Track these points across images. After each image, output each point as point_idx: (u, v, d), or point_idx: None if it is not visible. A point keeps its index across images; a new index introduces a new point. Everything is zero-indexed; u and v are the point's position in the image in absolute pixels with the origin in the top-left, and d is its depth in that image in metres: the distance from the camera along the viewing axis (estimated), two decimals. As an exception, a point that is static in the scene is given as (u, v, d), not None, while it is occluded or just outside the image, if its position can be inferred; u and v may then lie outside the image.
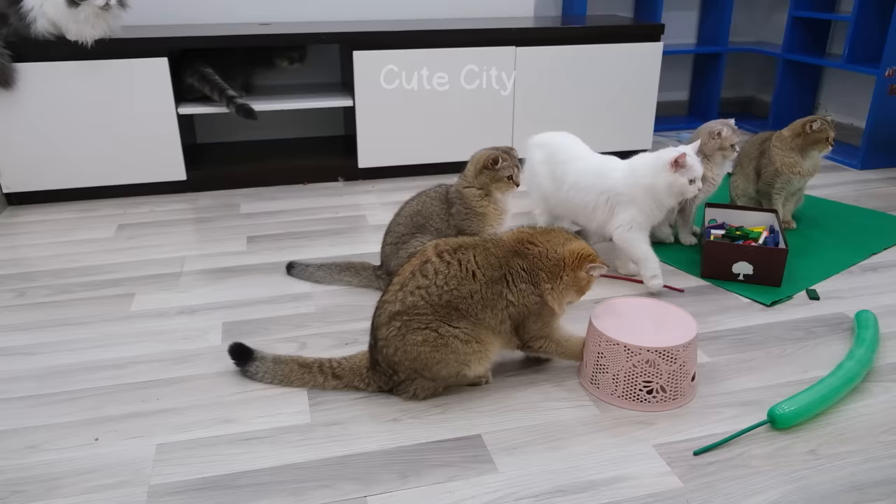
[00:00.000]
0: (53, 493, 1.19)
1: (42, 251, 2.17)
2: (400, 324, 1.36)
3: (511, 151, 1.84)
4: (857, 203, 2.58)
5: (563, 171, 2.02)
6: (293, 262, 2.00)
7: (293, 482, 1.21)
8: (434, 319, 1.35)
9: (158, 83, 2.52)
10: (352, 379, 1.45)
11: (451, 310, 1.36)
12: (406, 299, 1.36)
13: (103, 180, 2.60)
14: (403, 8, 3.12)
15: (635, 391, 1.40)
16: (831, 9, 3.35)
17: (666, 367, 1.38)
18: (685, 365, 1.39)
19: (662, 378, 1.39)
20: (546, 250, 1.41)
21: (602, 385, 1.44)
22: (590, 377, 1.46)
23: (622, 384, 1.41)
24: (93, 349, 1.63)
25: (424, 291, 1.35)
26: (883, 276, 2.01)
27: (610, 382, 1.42)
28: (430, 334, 1.35)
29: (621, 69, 2.94)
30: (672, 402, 1.41)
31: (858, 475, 1.23)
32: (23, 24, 2.33)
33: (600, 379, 1.44)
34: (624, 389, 1.41)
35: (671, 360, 1.38)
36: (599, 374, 1.44)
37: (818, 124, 2.17)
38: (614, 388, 1.42)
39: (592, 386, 1.46)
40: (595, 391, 1.45)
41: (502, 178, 1.79)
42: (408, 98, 2.76)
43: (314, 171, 2.84)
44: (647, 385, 1.39)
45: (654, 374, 1.38)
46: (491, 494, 1.19)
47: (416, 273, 1.37)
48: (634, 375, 1.39)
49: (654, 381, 1.39)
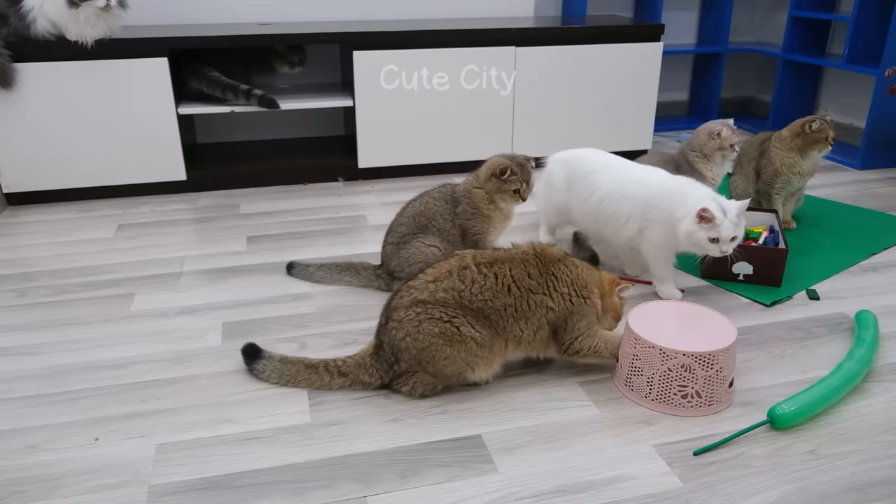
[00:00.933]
0: (53, 493, 1.19)
1: (42, 251, 2.17)
2: (421, 310, 1.37)
3: (526, 164, 1.80)
4: (857, 203, 2.58)
5: (593, 181, 1.90)
6: (293, 262, 2.00)
7: (293, 482, 1.21)
8: (459, 316, 1.37)
9: (158, 83, 2.52)
10: (358, 373, 1.45)
11: (481, 316, 1.38)
12: (437, 294, 1.38)
13: (103, 180, 2.60)
14: (403, 8, 3.12)
15: (669, 395, 1.38)
16: (831, 9, 3.35)
17: (702, 372, 1.35)
18: (722, 370, 1.37)
19: (698, 383, 1.36)
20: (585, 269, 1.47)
21: (636, 388, 1.42)
22: (624, 379, 1.44)
23: (657, 387, 1.39)
24: (93, 349, 1.63)
25: (457, 293, 1.38)
26: (883, 276, 2.01)
27: (644, 385, 1.40)
28: (450, 328, 1.36)
29: (621, 69, 2.94)
30: (707, 407, 1.39)
31: (858, 475, 1.23)
32: (23, 24, 2.33)
33: (634, 381, 1.42)
34: (658, 393, 1.39)
35: (708, 364, 1.35)
36: (634, 377, 1.42)
37: (817, 124, 2.17)
38: (648, 392, 1.40)
39: (626, 388, 1.44)
40: (629, 393, 1.44)
41: (508, 190, 1.78)
42: (408, 98, 2.76)
43: (314, 171, 2.84)
44: (682, 389, 1.37)
45: (690, 379, 1.36)
46: (491, 494, 1.19)
47: (454, 274, 1.39)
48: (669, 379, 1.37)
49: (689, 386, 1.37)
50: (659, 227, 1.74)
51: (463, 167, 2.86)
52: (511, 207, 1.84)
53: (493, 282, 1.39)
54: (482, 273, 1.39)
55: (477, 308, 1.38)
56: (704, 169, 2.18)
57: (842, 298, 1.87)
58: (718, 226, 1.60)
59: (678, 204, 1.68)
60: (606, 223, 1.87)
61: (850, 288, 1.93)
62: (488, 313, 1.38)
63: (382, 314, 1.44)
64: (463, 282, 1.38)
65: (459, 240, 1.84)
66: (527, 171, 1.79)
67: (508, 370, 1.54)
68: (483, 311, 1.38)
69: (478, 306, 1.37)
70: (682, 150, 2.23)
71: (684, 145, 2.24)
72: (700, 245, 1.64)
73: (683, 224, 1.65)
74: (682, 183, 1.74)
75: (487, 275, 1.39)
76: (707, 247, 1.63)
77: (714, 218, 1.59)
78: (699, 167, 2.18)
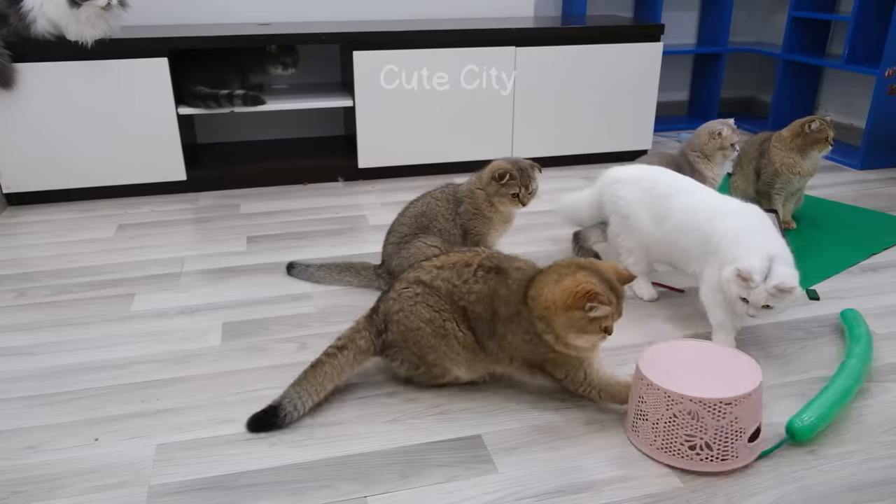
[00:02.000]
0: (53, 493, 1.19)
1: (42, 251, 2.17)
2: (420, 291, 1.38)
3: (529, 170, 1.78)
4: (857, 203, 2.58)
5: (667, 205, 1.72)
6: (293, 262, 2.00)
7: (293, 482, 1.21)
8: (446, 311, 1.37)
9: (158, 83, 2.52)
10: (355, 339, 1.41)
11: (463, 315, 1.37)
12: (436, 281, 1.38)
13: (103, 180, 2.60)
14: (403, 8, 3.12)
15: (676, 445, 1.23)
16: (831, 9, 3.35)
17: (712, 422, 1.20)
18: (737, 422, 1.20)
19: (708, 433, 1.21)
20: (538, 294, 1.30)
21: (641, 433, 1.28)
22: (630, 423, 1.32)
23: (662, 435, 1.24)
24: (93, 349, 1.63)
25: (451, 287, 1.38)
26: (883, 276, 2.01)
27: (649, 431, 1.26)
28: (437, 319, 1.37)
29: (621, 69, 2.94)
30: (721, 462, 1.22)
31: (858, 475, 1.23)
32: (23, 24, 2.33)
33: (640, 426, 1.29)
34: (664, 441, 1.24)
35: (718, 413, 1.19)
36: (639, 421, 1.28)
37: (816, 124, 2.17)
38: (654, 439, 1.26)
39: (633, 433, 1.31)
40: (634, 439, 1.30)
41: (507, 194, 1.77)
42: (408, 98, 2.76)
43: (314, 171, 2.84)
44: (689, 439, 1.22)
45: (698, 428, 1.21)
46: (491, 494, 1.19)
47: (457, 267, 1.39)
48: (675, 427, 1.22)
49: (697, 436, 1.21)
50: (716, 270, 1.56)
51: (463, 167, 2.86)
52: (511, 211, 1.83)
53: (481, 287, 1.36)
54: (477, 275, 1.38)
55: (461, 307, 1.37)
56: (705, 169, 2.18)
57: (842, 298, 1.87)
58: (752, 290, 1.45)
59: (733, 247, 1.52)
60: (673, 253, 1.74)
61: (850, 288, 1.93)
62: (470, 317, 1.37)
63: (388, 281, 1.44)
64: (459, 277, 1.38)
65: (460, 240, 1.84)
66: (528, 176, 1.77)
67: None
68: (467, 313, 1.37)
69: (462, 305, 1.37)
70: (682, 151, 2.23)
71: (684, 145, 2.24)
72: (733, 303, 1.51)
73: (726, 271, 1.49)
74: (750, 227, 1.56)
75: (482, 279, 1.37)
76: (735, 303, 1.50)
77: (749, 281, 1.44)
78: (700, 167, 2.18)
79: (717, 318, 1.60)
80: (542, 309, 1.29)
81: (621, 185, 1.84)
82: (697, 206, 1.67)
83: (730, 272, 1.47)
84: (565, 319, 1.26)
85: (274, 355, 1.60)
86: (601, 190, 1.91)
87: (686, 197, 1.70)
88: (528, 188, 1.78)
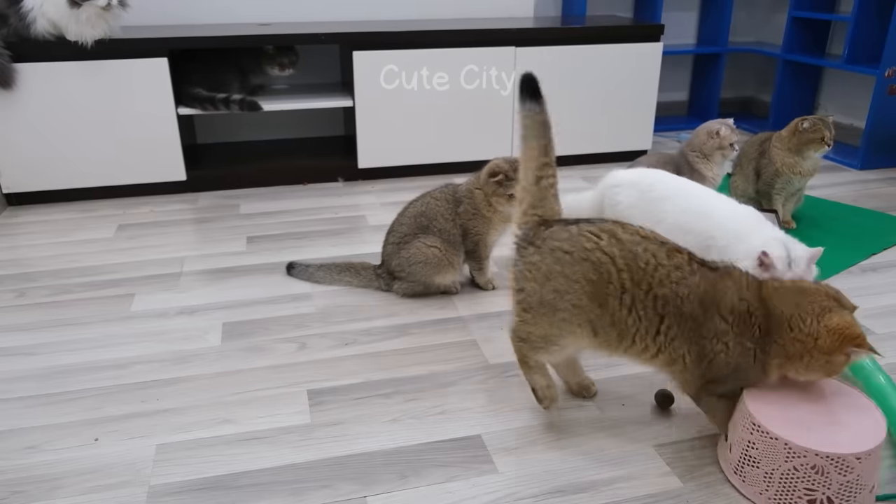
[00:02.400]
0: (53, 493, 1.19)
1: (42, 251, 2.17)
2: (607, 242, 1.19)
3: None
4: (857, 203, 2.58)
5: (662, 208, 1.72)
6: (293, 262, 2.00)
7: (293, 482, 1.21)
8: (627, 283, 1.18)
9: (158, 83, 2.52)
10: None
11: (646, 299, 1.17)
12: (636, 245, 1.18)
13: (103, 180, 2.60)
14: (403, 8, 3.12)
15: (793, 497, 1.12)
16: (831, 9, 3.35)
17: (838, 477, 1.09)
18: (862, 476, 1.09)
19: (831, 488, 1.10)
20: (792, 316, 1.13)
21: (749, 480, 1.17)
22: (734, 466, 1.20)
23: (776, 486, 1.13)
24: (93, 349, 1.63)
25: (655, 261, 1.17)
26: (883, 276, 2.01)
27: (761, 480, 1.15)
28: (606, 285, 1.18)
29: (621, 69, 2.94)
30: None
31: (858, 475, 1.23)
32: (23, 24, 2.33)
33: (748, 473, 1.17)
34: (778, 492, 1.13)
35: (846, 469, 1.08)
36: (748, 468, 1.17)
37: (808, 123, 2.17)
38: (765, 488, 1.15)
39: (737, 477, 1.19)
40: (740, 484, 1.19)
41: (503, 194, 1.77)
42: (408, 98, 2.76)
43: (314, 171, 2.84)
44: (809, 493, 1.11)
45: (821, 483, 1.10)
46: (491, 494, 1.19)
47: (670, 248, 1.19)
48: (794, 480, 1.11)
49: (818, 490, 1.11)
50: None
51: (463, 167, 2.86)
52: (510, 211, 1.83)
53: (696, 281, 1.17)
54: (693, 266, 1.18)
55: (655, 294, 1.18)
56: (704, 169, 2.18)
57: (842, 298, 1.87)
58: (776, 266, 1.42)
59: (741, 240, 1.51)
60: None
61: (850, 288, 1.93)
62: (660, 305, 1.19)
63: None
64: (670, 259, 1.18)
65: (460, 240, 1.84)
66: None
67: (508, 370, 1.54)
68: (657, 300, 1.18)
69: (659, 293, 1.17)
70: (681, 151, 2.23)
71: (684, 145, 2.24)
72: None
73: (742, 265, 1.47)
74: (748, 218, 1.58)
75: (697, 272, 1.18)
76: None
77: (773, 266, 1.40)
78: (699, 167, 2.18)
79: None
80: (805, 336, 1.12)
81: (621, 188, 1.84)
82: (688, 206, 1.67)
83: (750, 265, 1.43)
84: (821, 360, 1.12)
85: (274, 355, 1.60)
86: (602, 193, 1.92)
87: (682, 201, 1.70)
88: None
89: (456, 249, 1.84)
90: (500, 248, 1.90)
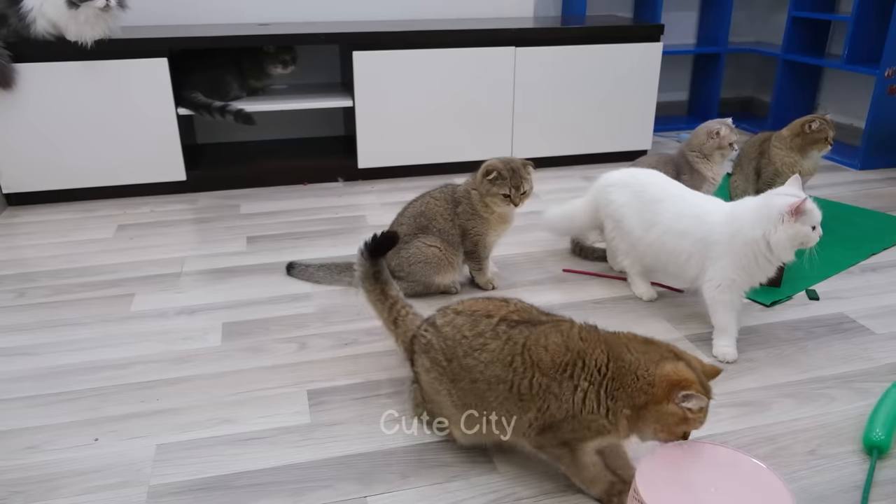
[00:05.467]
0: (53, 493, 1.19)
1: (42, 251, 2.17)
2: (428, 336, 1.26)
3: (520, 170, 1.76)
4: (857, 203, 2.58)
5: (656, 210, 1.72)
6: (293, 262, 2.00)
7: (293, 482, 1.21)
8: (443, 376, 1.22)
9: (158, 83, 2.52)
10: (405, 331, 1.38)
11: (463, 372, 1.19)
12: (445, 327, 1.23)
13: (103, 180, 2.60)
14: (403, 8, 3.12)
15: None
16: (831, 9, 3.35)
17: None
18: None
19: None
20: (638, 361, 1.08)
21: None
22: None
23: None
24: (93, 349, 1.63)
25: (449, 343, 1.21)
26: (883, 276, 2.01)
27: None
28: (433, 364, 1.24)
29: (621, 69, 2.94)
30: None
31: (858, 475, 1.23)
32: (22, 24, 2.33)
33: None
34: None
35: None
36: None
37: (817, 124, 2.17)
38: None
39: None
40: None
41: (497, 193, 1.76)
42: (408, 98, 2.76)
43: (314, 172, 2.84)
44: None
45: None
46: (491, 494, 1.19)
47: (477, 316, 1.21)
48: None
49: None
50: (723, 264, 1.56)
51: (463, 167, 2.86)
52: (507, 211, 1.82)
53: (499, 345, 1.16)
54: (497, 332, 1.18)
55: (467, 365, 1.19)
56: (704, 169, 2.18)
57: (842, 299, 1.87)
58: (812, 210, 1.46)
59: (750, 224, 1.51)
60: (665, 259, 1.73)
61: (850, 288, 1.93)
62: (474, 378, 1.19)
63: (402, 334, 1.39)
64: (473, 328, 1.20)
65: (459, 240, 1.84)
66: (519, 177, 1.75)
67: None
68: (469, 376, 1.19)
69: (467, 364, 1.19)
70: (681, 151, 2.23)
71: (683, 145, 2.24)
72: (806, 240, 1.47)
73: (779, 232, 1.47)
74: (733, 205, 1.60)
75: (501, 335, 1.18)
76: (811, 238, 1.47)
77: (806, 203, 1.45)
78: (699, 167, 2.18)
79: (721, 321, 1.59)
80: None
81: (614, 188, 1.85)
82: (684, 210, 1.67)
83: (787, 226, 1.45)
84: (657, 411, 1.06)
85: (274, 355, 1.60)
86: (595, 194, 1.92)
87: (673, 203, 1.70)
88: (518, 189, 1.75)
89: (455, 249, 1.84)
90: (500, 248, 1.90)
